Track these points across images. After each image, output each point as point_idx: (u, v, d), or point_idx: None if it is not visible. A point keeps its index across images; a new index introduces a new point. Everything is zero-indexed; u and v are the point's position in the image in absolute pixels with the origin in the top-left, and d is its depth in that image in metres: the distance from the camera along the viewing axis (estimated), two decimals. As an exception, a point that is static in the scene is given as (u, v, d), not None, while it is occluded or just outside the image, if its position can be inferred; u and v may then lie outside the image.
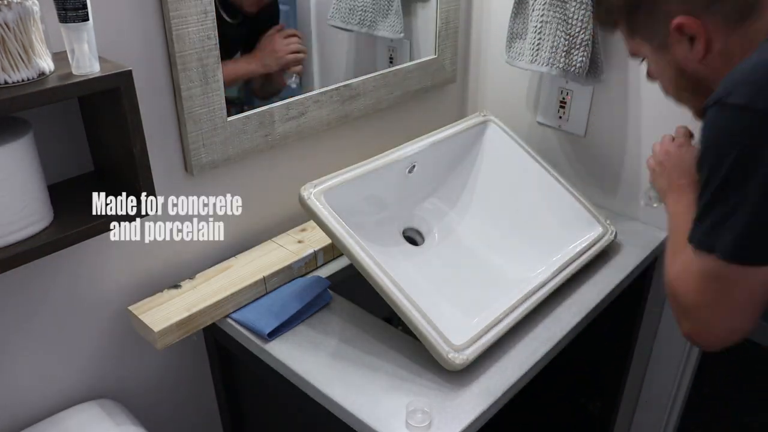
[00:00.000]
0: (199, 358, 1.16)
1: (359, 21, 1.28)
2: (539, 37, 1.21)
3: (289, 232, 1.16)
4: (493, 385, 0.88)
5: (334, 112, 1.17)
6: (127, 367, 1.06)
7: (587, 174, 1.35)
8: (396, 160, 1.10)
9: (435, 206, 1.20)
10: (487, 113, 1.26)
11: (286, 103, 1.08)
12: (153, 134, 0.93)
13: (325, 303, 1.03)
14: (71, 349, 0.98)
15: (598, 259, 1.13)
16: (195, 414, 1.21)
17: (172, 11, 0.87)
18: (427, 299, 0.91)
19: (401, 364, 0.91)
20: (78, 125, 0.88)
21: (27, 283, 0.89)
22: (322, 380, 0.89)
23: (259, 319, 0.97)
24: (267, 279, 1.03)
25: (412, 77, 1.30)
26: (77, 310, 0.96)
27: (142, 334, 0.95)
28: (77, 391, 1.01)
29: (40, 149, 0.78)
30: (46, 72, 0.71)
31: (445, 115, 1.45)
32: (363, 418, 0.83)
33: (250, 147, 1.05)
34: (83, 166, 0.91)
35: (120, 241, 0.96)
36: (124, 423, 0.95)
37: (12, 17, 0.66)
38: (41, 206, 0.77)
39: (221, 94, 0.97)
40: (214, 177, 1.05)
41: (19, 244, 0.75)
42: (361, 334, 0.97)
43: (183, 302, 0.96)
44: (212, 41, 0.93)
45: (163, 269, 1.04)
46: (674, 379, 1.38)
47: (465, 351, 0.88)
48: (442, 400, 0.85)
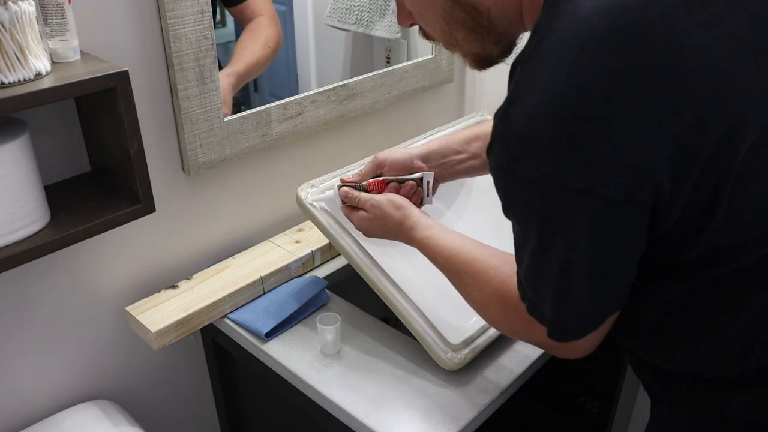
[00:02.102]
0: (196, 359, 1.16)
1: (356, 21, 1.28)
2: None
3: (287, 232, 1.16)
4: (490, 384, 0.88)
5: (331, 112, 1.17)
6: (124, 367, 1.06)
7: (584, 173, 1.35)
8: (393, 160, 1.10)
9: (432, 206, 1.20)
10: (484, 113, 1.26)
11: (283, 103, 1.08)
12: (150, 134, 0.93)
13: (323, 303, 1.03)
14: (69, 350, 0.98)
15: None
16: (193, 414, 1.21)
17: (168, 11, 0.87)
18: (424, 299, 0.91)
19: (398, 364, 0.91)
20: (75, 126, 0.88)
21: (24, 284, 0.89)
22: (319, 380, 0.89)
23: (256, 319, 0.97)
24: (264, 279, 1.03)
25: (409, 77, 1.30)
26: (74, 310, 0.96)
27: (140, 334, 0.95)
28: (75, 392, 1.00)
29: (37, 150, 0.78)
30: (42, 72, 0.71)
31: (442, 115, 1.45)
32: (360, 418, 0.83)
33: (247, 147, 1.05)
34: (80, 166, 0.90)
35: (117, 242, 0.96)
36: (121, 423, 0.95)
37: (8, 17, 0.66)
38: (38, 207, 0.77)
39: (218, 94, 0.97)
40: (211, 177, 1.05)
41: (16, 244, 0.75)
42: (358, 334, 0.97)
43: (180, 302, 0.96)
44: (209, 41, 0.93)
45: (161, 270, 1.04)
46: (672, 377, 1.38)
47: (462, 351, 0.88)
48: (439, 400, 0.85)
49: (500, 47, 0.69)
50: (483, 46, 0.68)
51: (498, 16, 0.64)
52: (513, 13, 0.65)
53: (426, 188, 0.93)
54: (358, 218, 0.91)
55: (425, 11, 0.69)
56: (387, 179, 0.92)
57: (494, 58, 0.71)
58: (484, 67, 0.72)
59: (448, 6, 0.65)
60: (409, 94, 1.32)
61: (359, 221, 0.91)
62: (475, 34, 0.66)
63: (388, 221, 0.88)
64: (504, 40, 0.68)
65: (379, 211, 0.88)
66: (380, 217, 0.88)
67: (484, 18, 0.65)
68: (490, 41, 0.67)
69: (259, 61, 0.94)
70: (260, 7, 1.10)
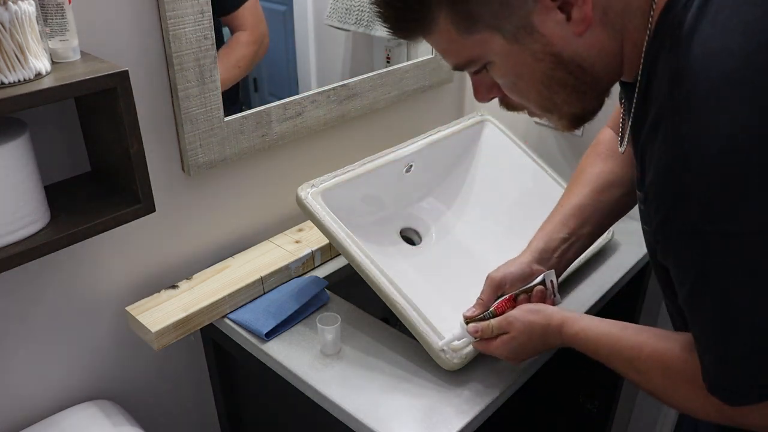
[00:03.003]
0: (196, 359, 1.16)
1: (356, 21, 1.28)
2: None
3: (287, 232, 1.16)
4: (490, 384, 0.88)
5: (331, 112, 1.17)
6: (124, 367, 1.06)
7: (584, 173, 1.35)
8: (393, 160, 1.10)
9: (432, 206, 1.20)
10: (484, 113, 1.26)
11: (283, 103, 1.08)
12: (150, 134, 0.93)
13: (323, 303, 1.03)
14: (69, 350, 0.98)
15: (595, 258, 1.13)
16: (193, 414, 1.21)
17: (168, 11, 0.87)
18: (424, 299, 0.91)
19: (399, 364, 0.91)
20: (75, 125, 0.88)
21: (24, 284, 0.89)
22: (319, 380, 0.89)
23: (256, 319, 0.97)
24: (264, 279, 1.03)
25: (409, 77, 1.30)
26: (74, 310, 0.96)
27: (140, 334, 0.95)
28: (74, 392, 1.00)
29: (37, 150, 0.78)
30: (42, 72, 0.71)
31: (442, 115, 1.45)
32: (360, 418, 0.83)
33: (248, 147, 1.05)
34: (80, 166, 0.90)
35: (117, 242, 0.96)
36: (121, 424, 0.95)
37: (8, 17, 0.66)
38: (38, 207, 0.77)
39: (218, 94, 0.97)
40: (211, 177, 1.05)
41: (16, 244, 0.75)
42: (359, 334, 0.97)
43: (180, 302, 0.96)
44: (209, 41, 0.93)
45: (161, 270, 1.04)
46: (672, 377, 1.38)
47: (462, 350, 0.88)
48: (439, 400, 0.85)
49: (599, 101, 0.65)
50: (584, 104, 0.64)
51: (601, 69, 0.61)
52: (614, 63, 0.61)
53: (551, 288, 0.87)
54: (499, 345, 0.83)
55: (519, 79, 0.63)
56: (512, 295, 0.86)
57: (590, 114, 0.66)
58: (579, 126, 0.67)
59: (549, 69, 0.60)
60: (409, 94, 1.32)
61: (503, 347, 0.83)
62: (578, 93, 0.62)
63: (534, 330, 0.80)
64: (605, 93, 0.65)
65: (521, 324, 0.81)
66: (524, 331, 0.81)
67: (588, 74, 0.61)
68: (592, 97, 0.64)
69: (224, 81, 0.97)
70: (248, 22, 1.10)
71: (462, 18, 0.59)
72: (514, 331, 0.81)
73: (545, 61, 0.60)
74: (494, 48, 0.60)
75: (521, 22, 0.58)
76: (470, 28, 0.59)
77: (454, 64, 0.65)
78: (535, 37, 0.58)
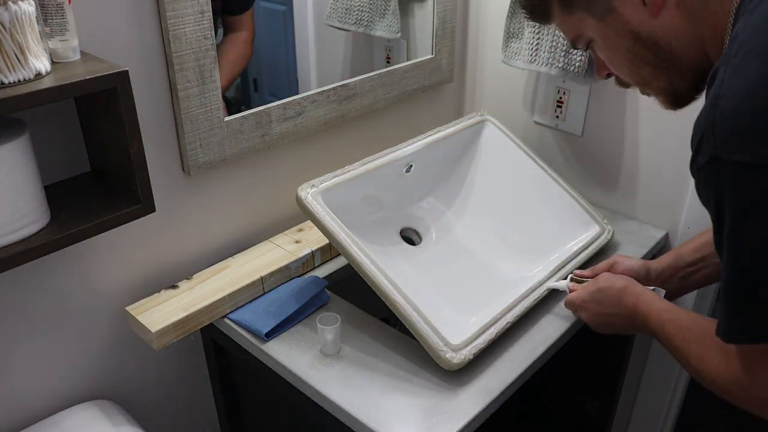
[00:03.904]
0: (196, 359, 1.16)
1: (356, 21, 1.28)
2: (538, 37, 1.21)
3: (287, 232, 1.16)
4: (490, 384, 0.88)
5: (331, 112, 1.17)
6: (124, 367, 1.06)
7: (584, 173, 1.35)
8: (393, 160, 1.10)
9: (432, 206, 1.20)
10: (484, 113, 1.26)
11: (283, 103, 1.08)
12: (150, 134, 0.93)
13: (323, 303, 1.03)
14: (69, 350, 0.98)
15: (595, 258, 1.13)
16: (193, 414, 1.21)
17: (168, 11, 0.87)
18: (424, 299, 0.91)
19: (399, 364, 0.91)
20: (74, 126, 0.88)
21: (24, 284, 0.89)
22: (319, 380, 0.89)
23: (256, 319, 0.97)
24: (264, 279, 1.03)
25: (409, 77, 1.30)
26: (74, 310, 0.96)
27: (140, 334, 0.95)
28: (75, 392, 1.00)
29: (37, 150, 0.78)
30: (42, 72, 0.71)
31: (442, 115, 1.46)
32: (361, 418, 0.83)
33: (248, 147, 1.05)
34: (80, 166, 0.90)
35: (117, 242, 0.96)
36: (121, 424, 0.95)
37: (8, 17, 0.66)
38: (38, 207, 0.77)
39: (218, 94, 0.97)
40: (211, 177, 1.05)
41: (16, 244, 0.75)
42: (359, 334, 0.97)
43: (180, 302, 0.96)
44: (209, 41, 0.93)
45: (161, 270, 1.04)
46: (672, 377, 1.38)
47: (462, 350, 0.88)
48: (439, 400, 0.85)
49: (687, 81, 0.70)
50: (670, 80, 0.69)
51: (679, 48, 0.66)
52: (694, 45, 0.66)
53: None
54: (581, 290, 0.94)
55: (612, 55, 0.72)
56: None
57: (684, 93, 0.71)
58: (678, 105, 0.72)
59: (630, 45, 0.69)
60: (409, 94, 1.32)
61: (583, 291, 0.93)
62: (660, 69, 0.69)
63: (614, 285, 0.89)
64: (689, 74, 0.69)
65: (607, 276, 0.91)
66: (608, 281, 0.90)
67: (665, 52, 0.67)
68: (676, 74, 0.69)
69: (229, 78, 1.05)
70: (249, 23, 1.15)
71: (563, 3, 0.72)
72: (601, 281, 0.91)
73: (626, 38, 0.68)
74: (589, 26, 0.71)
75: (606, 4, 0.68)
76: (569, 9, 0.71)
77: (568, 41, 0.77)
78: (616, 17, 0.68)
